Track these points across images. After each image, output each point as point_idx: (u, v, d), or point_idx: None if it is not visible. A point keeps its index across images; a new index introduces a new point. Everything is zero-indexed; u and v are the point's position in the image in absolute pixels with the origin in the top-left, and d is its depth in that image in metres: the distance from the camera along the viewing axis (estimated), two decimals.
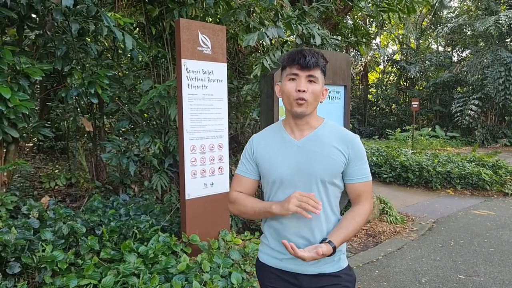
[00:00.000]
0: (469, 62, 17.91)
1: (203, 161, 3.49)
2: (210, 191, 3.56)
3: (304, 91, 1.36)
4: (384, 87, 24.13)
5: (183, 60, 3.27)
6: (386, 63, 23.35)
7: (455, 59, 21.46)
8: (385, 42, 25.31)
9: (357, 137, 1.48)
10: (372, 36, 21.67)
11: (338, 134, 1.46)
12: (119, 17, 3.61)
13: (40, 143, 8.14)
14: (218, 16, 4.49)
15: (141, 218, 3.39)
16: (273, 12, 4.60)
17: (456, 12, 20.66)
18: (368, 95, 23.58)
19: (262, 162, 1.50)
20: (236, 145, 5.91)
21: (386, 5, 5.16)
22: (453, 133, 17.70)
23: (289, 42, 6.03)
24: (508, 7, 16.88)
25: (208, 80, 3.48)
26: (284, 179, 1.43)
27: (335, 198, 1.48)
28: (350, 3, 5.57)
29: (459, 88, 19.66)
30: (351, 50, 20.20)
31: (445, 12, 20.44)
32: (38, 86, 7.19)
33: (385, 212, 5.41)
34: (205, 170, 3.51)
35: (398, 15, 5.22)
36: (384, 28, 22.63)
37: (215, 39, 3.49)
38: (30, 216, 3.17)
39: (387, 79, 24.39)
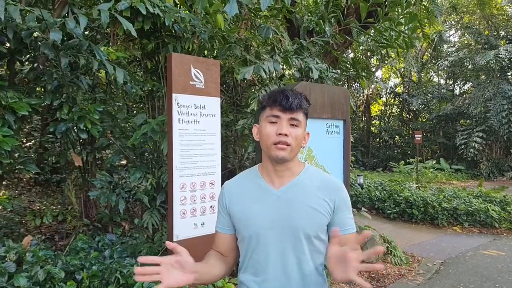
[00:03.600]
0: (471, 95, 17.93)
1: (194, 199, 3.30)
2: (201, 231, 3.35)
3: (286, 135, 1.21)
4: (387, 119, 24.13)
5: (174, 95, 3.16)
6: (389, 96, 23.47)
7: (457, 91, 21.54)
8: (387, 75, 25.56)
9: (343, 184, 1.33)
10: (373, 70, 22.02)
11: (322, 181, 1.30)
12: (112, 51, 3.55)
13: (36, 176, 8.00)
14: (215, 51, 4.45)
15: (125, 262, 3.17)
16: (270, 46, 4.55)
17: (456, 46, 20.93)
18: (371, 127, 23.55)
19: (235, 214, 1.32)
20: None
21: (384, 41, 5.11)
22: (458, 165, 17.44)
23: (287, 76, 5.99)
24: (507, 42, 17.07)
25: (201, 114, 3.36)
26: (261, 235, 1.25)
27: (320, 255, 1.30)
28: (349, 38, 5.55)
29: (462, 121, 19.58)
30: (352, 83, 20.41)
31: (445, 46, 20.71)
32: (40, 118, 7.14)
33: (389, 252, 5.13)
34: (195, 209, 3.32)
35: (396, 51, 5.16)
36: (386, 62, 22.99)
37: (208, 73, 3.40)
38: (7, 259, 2.97)
39: (389, 111, 24.43)
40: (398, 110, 23.38)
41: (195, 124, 3.32)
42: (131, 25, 2.93)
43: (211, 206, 3.44)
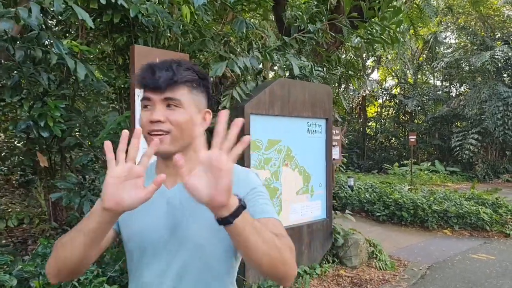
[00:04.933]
0: (466, 97, 17.79)
1: None
2: None
3: (159, 121, 0.95)
4: (383, 121, 23.98)
5: (137, 90, 2.97)
6: (384, 97, 23.32)
7: (453, 93, 21.41)
8: (383, 77, 25.45)
9: (251, 172, 1.08)
10: (369, 71, 21.84)
11: None
12: (76, 44, 3.36)
13: (17, 177, 7.79)
14: (192, 46, 4.26)
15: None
16: (247, 41, 4.37)
17: (452, 48, 20.81)
18: (367, 128, 23.39)
19: (122, 221, 1.03)
20: None
21: (370, 36, 4.94)
22: (453, 168, 17.29)
23: (272, 74, 5.81)
24: (503, 43, 16.95)
25: None
26: (148, 247, 0.99)
27: (223, 275, 1.01)
28: (334, 34, 5.36)
29: (457, 123, 19.44)
30: (349, 84, 20.23)
31: (441, 48, 20.60)
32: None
33: (374, 256, 4.94)
34: None
35: (382, 46, 4.99)
36: (382, 64, 22.88)
37: None
38: None
39: (386, 113, 24.28)
40: (394, 111, 23.23)
41: None
42: (87, 15, 2.74)
43: None
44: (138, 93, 2.99)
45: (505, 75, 17.39)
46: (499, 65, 16.07)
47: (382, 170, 18.70)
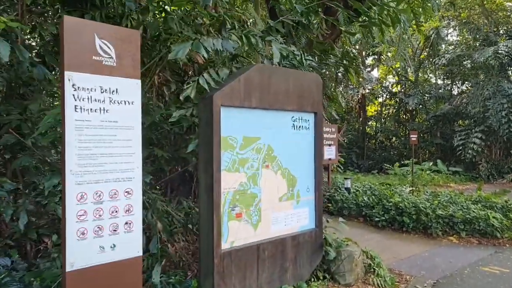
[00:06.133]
0: (469, 94, 17.15)
1: (99, 214, 2.48)
2: (110, 256, 2.53)
3: None
4: (383, 120, 23.34)
5: (67, 73, 2.35)
6: (385, 96, 22.68)
7: (455, 92, 20.75)
8: (383, 75, 24.80)
9: None
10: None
11: None
12: (3, 20, 2.74)
13: None
14: (152, 25, 3.63)
15: None
16: (218, 21, 3.73)
17: (453, 45, 20.16)
18: (367, 127, 22.75)
19: None
20: (197, 184, 4.94)
21: (367, 18, 4.32)
22: (456, 167, 16.61)
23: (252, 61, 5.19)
24: (507, 38, 16.29)
25: (110, 101, 2.54)
26: None
27: None
28: (324, 16, 4.74)
29: (460, 121, 18.78)
30: (349, 83, 19.60)
31: (442, 46, 19.96)
32: None
33: (372, 270, 4.31)
34: (102, 227, 2.50)
35: (380, 29, 4.35)
36: (382, 62, 22.26)
37: (122, 47, 2.59)
38: None
39: (386, 112, 23.62)
40: (395, 110, 22.57)
41: (102, 113, 2.50)
42: None
43: (126, 222, 2.62)
44: (69, 77, 2.36)
45: (509, 71, 16.73)
46: (503, 61, 15.42)
47: (382, 170, 18.06)
